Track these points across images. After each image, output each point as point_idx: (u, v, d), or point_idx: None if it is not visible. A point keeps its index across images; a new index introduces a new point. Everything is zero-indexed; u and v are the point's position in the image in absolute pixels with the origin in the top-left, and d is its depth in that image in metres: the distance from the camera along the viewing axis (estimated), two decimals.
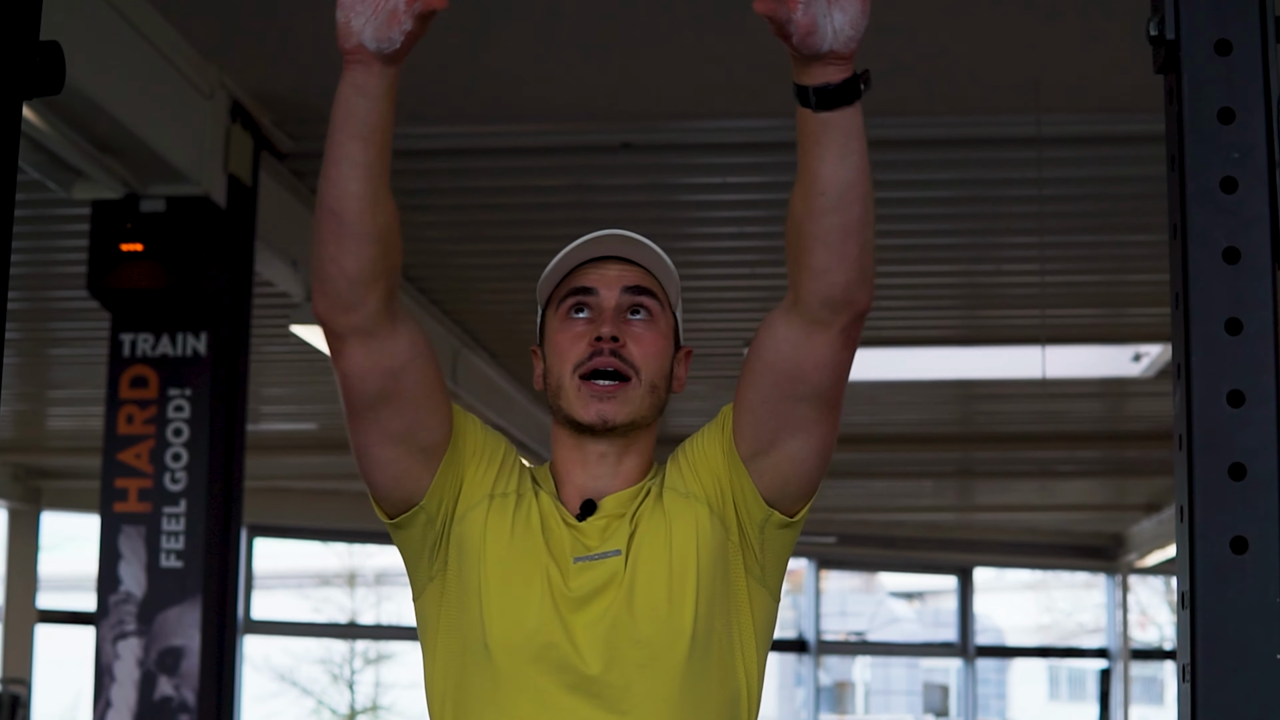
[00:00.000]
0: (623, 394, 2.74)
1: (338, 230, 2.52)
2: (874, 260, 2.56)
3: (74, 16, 5.95)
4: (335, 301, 2.56)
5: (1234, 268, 2.00)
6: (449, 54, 7.03)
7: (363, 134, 2.48)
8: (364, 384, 2.63)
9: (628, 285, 2.80)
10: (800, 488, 2.73)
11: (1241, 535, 1.95)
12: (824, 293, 2.53)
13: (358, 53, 2.43)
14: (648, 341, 2.78)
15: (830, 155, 2.43)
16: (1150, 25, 2.06)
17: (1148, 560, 19.48)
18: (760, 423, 2.68)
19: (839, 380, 2.66)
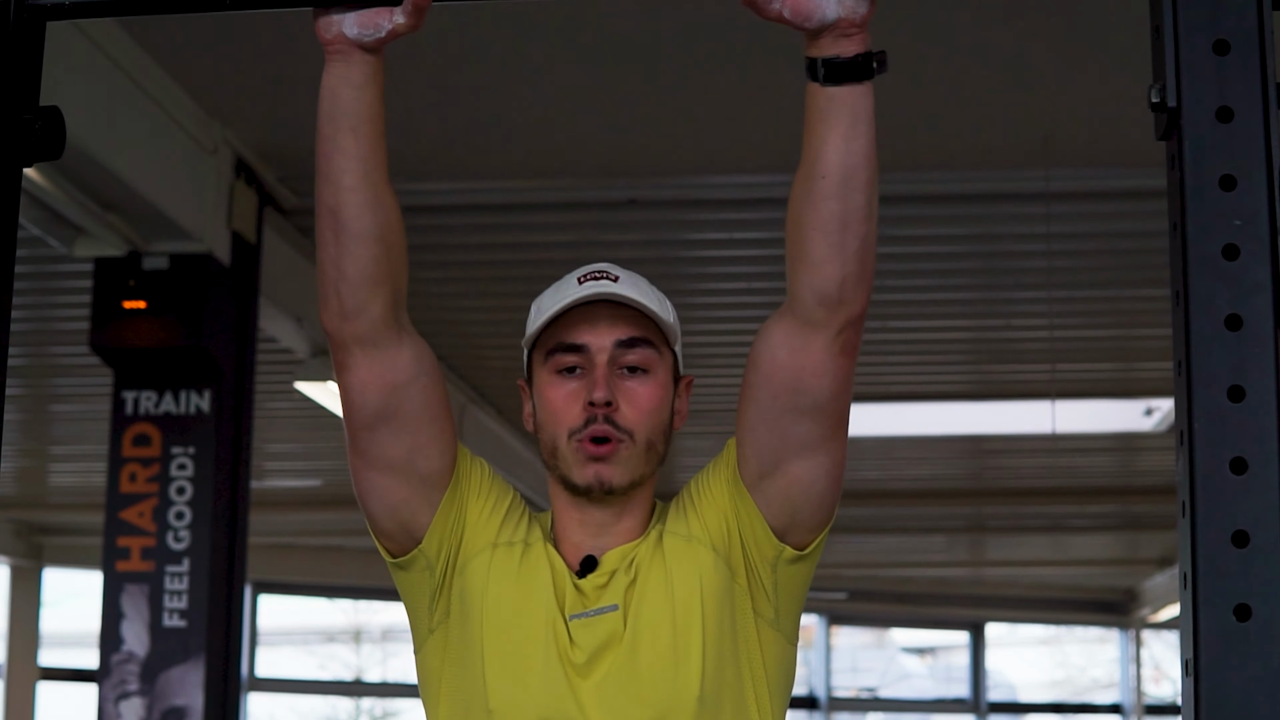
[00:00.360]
0: (618, 455, 2.61)
1: (335, 228, 2.45)
2: (874, 260, 2.45)
3: (76, 73, 5.95)
4: (338, 308, 2.49)
5: (1236, 335, 1.98)
6: (454, 110, 7.04)
7: (352, 125, 2.41)
8: (365, 398, 2.54)
9: (620, 340, 2.65)
10: (811, 514, 2.60)
11: (1245, 603, 1.92)
12: (820, 287, 2.42)
13: (338, 42, 2.37)
14: (643, 399, 2.64)
15: (835, 136, 2.33)
16: (1152, 92, 2.04)
17: (1161, 615, 19.42)
18: (762, 442, 2.56)
19: (840, 391, 2.53)
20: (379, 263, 2.46)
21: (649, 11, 5.97)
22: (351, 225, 2.44)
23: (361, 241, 2.45)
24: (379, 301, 2.48)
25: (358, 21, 2.35)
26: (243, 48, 6.41)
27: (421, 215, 8.20)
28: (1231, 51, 2.01)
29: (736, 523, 2.62)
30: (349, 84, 2.40)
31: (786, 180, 2.34)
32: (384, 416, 2.55)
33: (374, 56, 2.40)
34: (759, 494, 2.59)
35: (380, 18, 2.34)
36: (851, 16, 2.27)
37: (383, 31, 2.35)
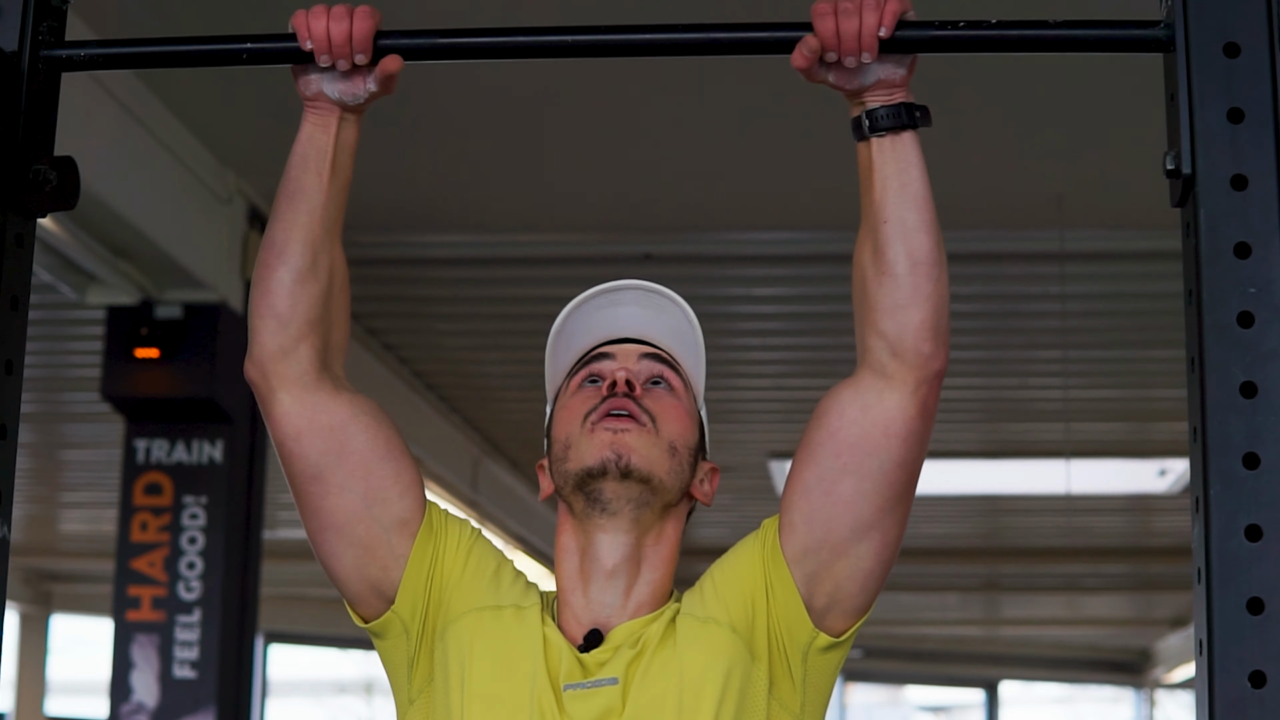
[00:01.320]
0: (639, 432, 2.43)
1: (274, 262, 2.39)
2: (948, 314, 2.36)
3: (91, 122, 5.96)
4: (265, 348, 2.39)
5: (1251, 402, 1.98)
6: (472, 164, 7.05)
7: (318, 169, 2.40)
8: (302, 445, 2.41)
9: (646, 353, 2.54)
10: (853, 597, 2.41)
11: (1260, 670, 1.92)
12: (893, 335, 2.32)
13: (318, 99, 2.39)
14: (668, 407, 2.49)
15: (890, 184, 2.33)
16: (1167, 159, 2.05)
17: (1175, 675, 19.39)
18: (815, 508, 2.37)
19: (908, 459, 2.38)
20: (313, 306, 2.40)
21: (668, 68, 5.98)
22: (292, 261, 2.39)
23: (302, 283, 2.39)
24: (309, 345, 2.40)
25: (338, 86, 2.37)
26: (257, 98, 6.42)
27: (437, 268, 8.22)
28: (1246, 119, 2.02)
29: (766, 604, 2.42)
30: (326, 132, 2.40)
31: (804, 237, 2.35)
32: (328, 463, 2.42)
33: (353, 116, 2.41)
34: (800, 568, 2.40)
35: (357, 83, 2.36)
36: (891, 78, 2.29)
37: (361, 96, 2.37)
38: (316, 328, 2.41)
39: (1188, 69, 2.05)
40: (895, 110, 2.31)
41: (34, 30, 2.20)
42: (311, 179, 2.40)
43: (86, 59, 2.25)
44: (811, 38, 2.23)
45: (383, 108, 2.40)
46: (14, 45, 2.18)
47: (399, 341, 9.43)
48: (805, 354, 9.52)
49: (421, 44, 2.31)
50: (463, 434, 10.97)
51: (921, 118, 2.34)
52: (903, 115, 2.32)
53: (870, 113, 2.31)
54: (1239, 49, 2.04)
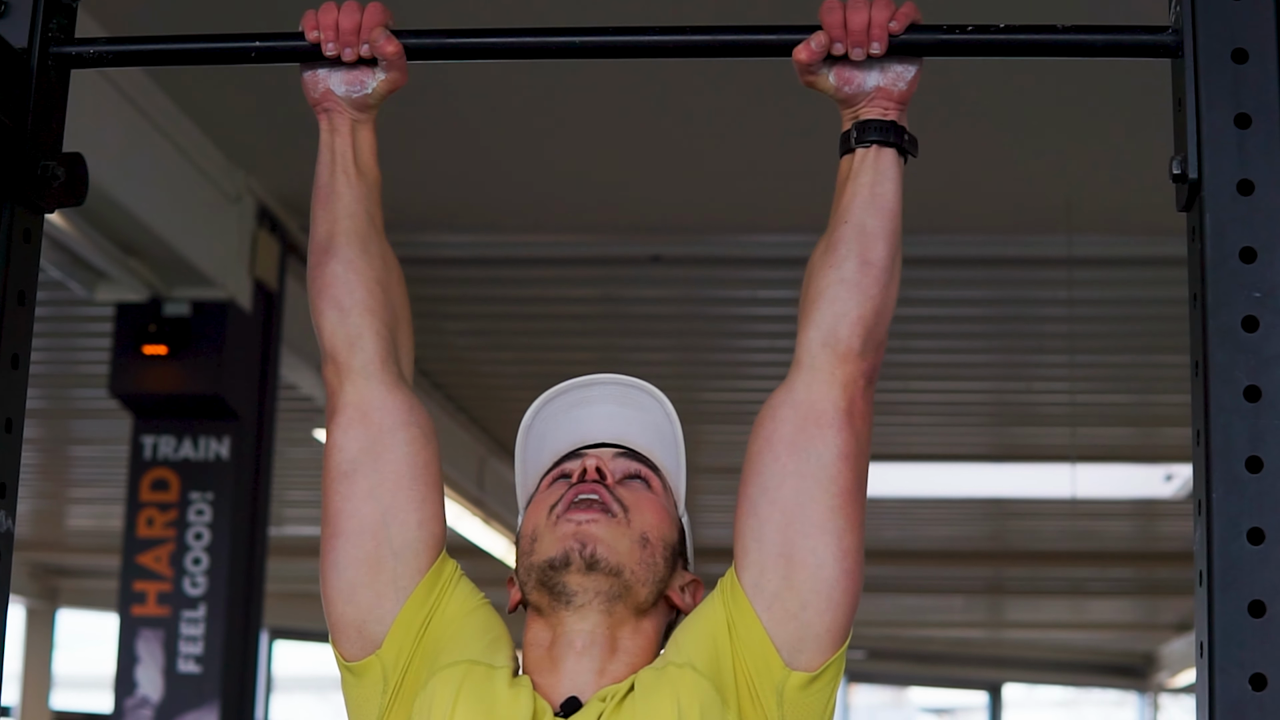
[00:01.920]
0: (608, 522, 2.32)
1: (323, 259, 2.39)
2: (887, 325, 2.31)
3: (101, 119, 5.97)
4: (331, 340, 2.38)
5: (1255, 405, 1.99)
6: (482, 164, 7.05)
7: (346, 170, 2.41)
8: (348, 436, 2.36)
9: (621, 453, 2.44)
10: (820, 614, 2.25)
11: (1260, 672, 1.93)
12: (829, 326, 2.27)
13: (326, 99, 2.39)
14: (644, 498, 2.39)
15: (861, 191, 2.29)
16: (1173, 164, 2.05)
17: (1179, 680, 19.38)
18: (764, 521, 2.27)
19: (850, 450, 2.27)
20: (374, 295, 2.39)
21: (676, 70, 5.98)
22: (345, 254, 2.39)
23: (355, 271, 2.38)
24: (371, 333, 2.37)
25: (344, 80, 2.36)
26: (267, 97, 6.43)
27: (446, 268, 8.22)
28: (1253, 125, 2.02)
29: (731, 644, 2.29)
30: (341, 135, 2.40)
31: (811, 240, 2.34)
32: (364, 462, 2.36)
33: (364, 115, 2.41)
34: (760, 596, 2.27)
35: (365, 75, 2.35)
36: (890, 89, 2.28)
37: (369, 88, 2.36)
38: (379, 314, 2.39)
39: (1195, 74, 2.06)
40: (886, 126, 2.29)
41: (44, 27, 2.21)
42: (341, 182, 2.41)
43: (96, 56, 2.25)
44: (820, 32, 2.23)
45: (393, 107, 2.41)
46: (24, 42, 2.19)
47: None
48: None
49: (430, 43, 2.32)
50: (469, 433, 10.98)
51: (909, 144, 2.31)
52: (891, 133, 2.30)
53: (861, 124, 2.30)
54: (1247, 55, 2.04)
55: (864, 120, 2.30)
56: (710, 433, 11.27)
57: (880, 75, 2.27)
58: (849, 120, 2.32)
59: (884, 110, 2.29)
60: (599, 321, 9.13)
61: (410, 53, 2.30)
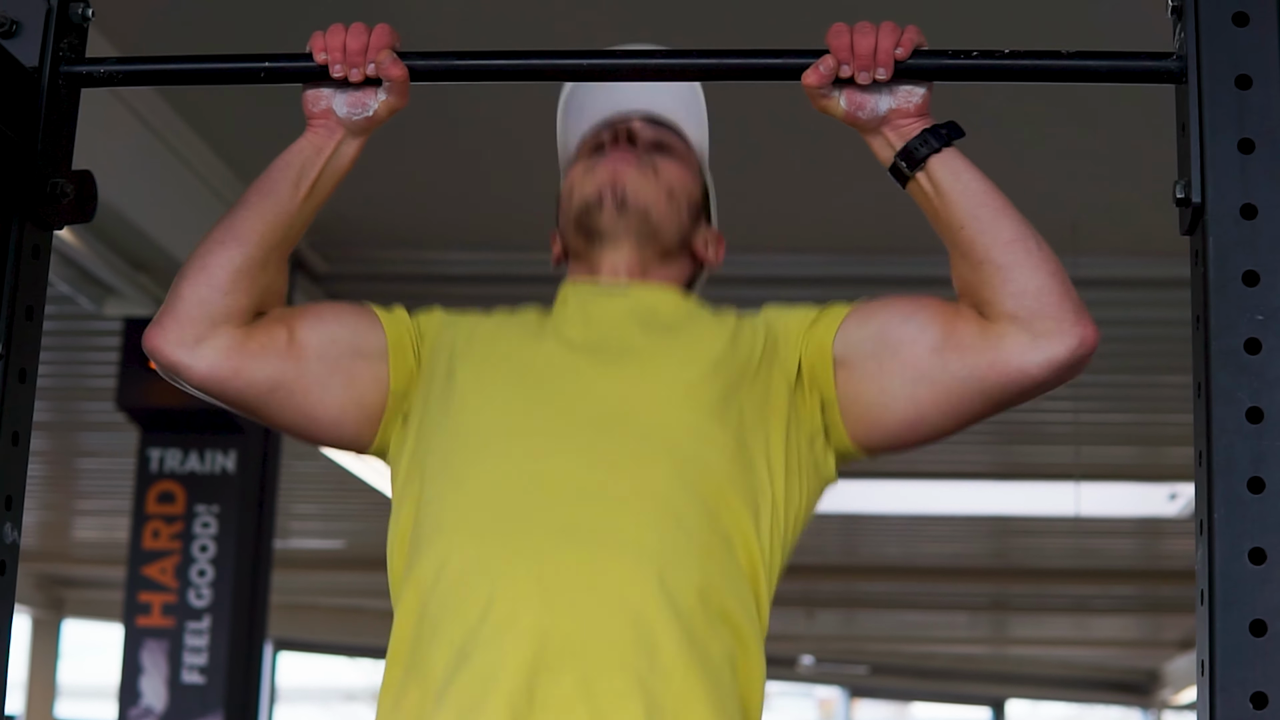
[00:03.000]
0: (638, 171, 2.49)
1: (228, 239, 2.36)
2: (1074, 290, 2.32)
3: (110, 135, 5.98)
4: (186, 311, 2.37)
5: (1257, 427, 1.99)
6: (486, 182, 7.06)
7: (297, 181, 2.39)
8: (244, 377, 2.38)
9: (650, 122, 2.58)
10: (871, 426, 2.38)
11: (1261, 691, 1.93)
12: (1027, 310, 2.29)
13: (324, 117, 2.39)
14: (670, 161, 2.54)
15: (951, 200, 2.29)
16: (1177, 188, 2.06)
17: (1182, 697, 19.37)
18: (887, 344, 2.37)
19: (995, 401, 2.39)
20: (247, 300, 2.36)
21: None
22: (247, 250, 2.36)
23: (247, 272, 2.35)
24: (225, 335, 2.36)
25: (347, 102, 2.36)
26: (275, 112, 6.43)
27: (454, 285, 8.22)
28: (1256, 149, 2.03)
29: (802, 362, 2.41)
30: (320, 156, 2.39)
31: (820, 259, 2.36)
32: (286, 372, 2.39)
33: (355, 139, 2.41)
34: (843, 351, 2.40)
35: (367, 97, 2.36)
36: (905, 108, 2.29)
37: (370, 110, 2.36)
38: (236, 320, 2.36)
39: (1199, 100, 2.06)
40: (922, 139, 2.30)
41: (55, 46, 2.22)
42: (288, 188, 2.39)
43: (106, 75, 2.26)
44: (827, 56, 2.24)
45: (400, 124, 2.42)
46: (34, 61, 2.20)
47: None
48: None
49: (436, 65, 2.32)
50: None
51: (950, 133, 2.32)
52: (931, 141, 2.30)
53: (902, 152, 2.30)
54: (1250, 81, 2.05)
55: (903, 149, 2.30)
56: None
57: (892, 98, 2.28)
58: (881, 149, 2.33)
59: (910, 126, 2.30)
60: None
61: (415, 75, 2.30)
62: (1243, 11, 2.07)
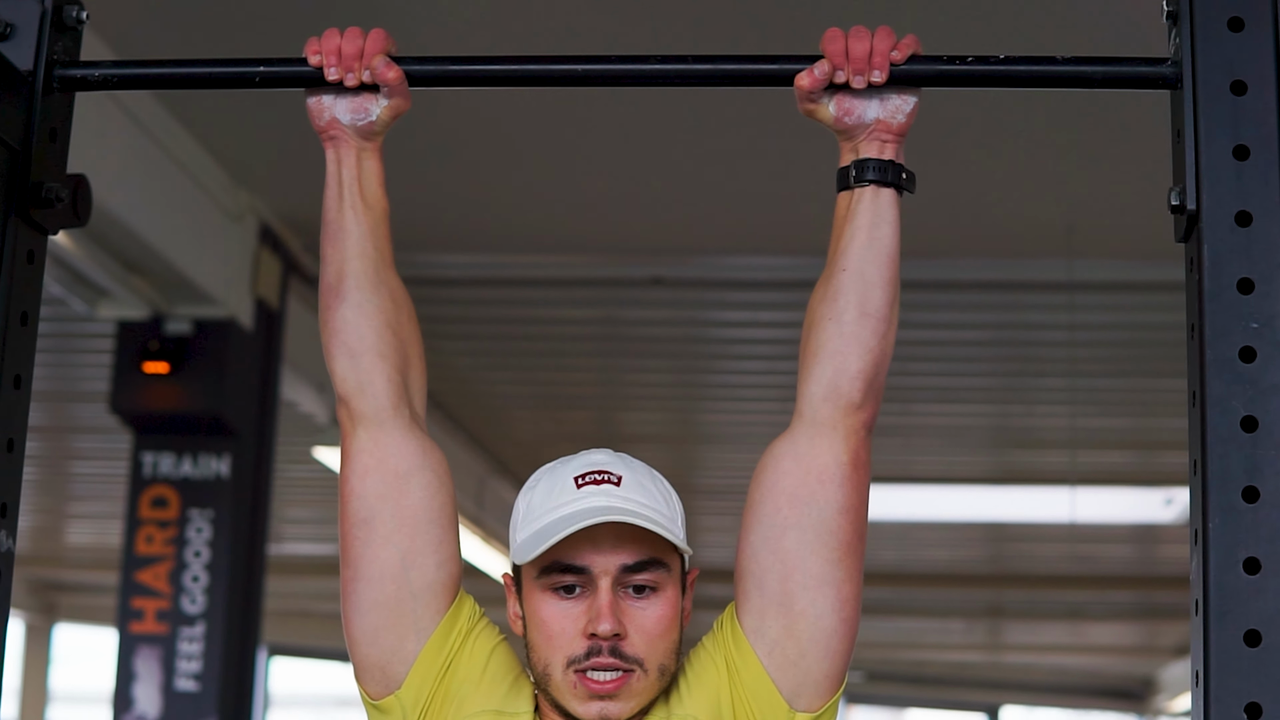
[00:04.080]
0: (627, 689, 2.30)
1: (333, 303, 2.39)
2: (885, 374, 2.33)
3: (105, 138, 5.97)
4: (344, 384, 2.39)
5: (1252, 436, 1.99)
6: (484, 186, 7.06)
7: (354, 203, 2.41)
8: (365, 484, 2.37)
9: (627, 565, 2.30)
10: (819, 661, 2.33)
11: (1255, 701, 1.93)
12: (831, 380, 2.29)
13: (333, 128, 2.39)
14: (653, 623, 2.31)
15: (859, 232, 2.31)
16: (1172, 195, 2.06)
17: (1177, 704, 19.34)
18: (765, 570, 2.31)
19: (849, 507, 2.31)
20: (384, 339, 2.38)
21: (679, 95, 5.99)
22: (354, 298, 2.38)
23: (365, 315, 2.38)
24: (383, 378, 2.38)
25: (349, 108, 2.37)
26: (271, 117, 6.43)
27: (448, 288, 8.23)
28: (1251, 157, 2.03)
29: (733, 689, 2.35)
30: (347, 166, 2.41)
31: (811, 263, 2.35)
32: (382, 509, 2.37)
33: (369, 143, 2.42)
34: (762, 642, 2.33)
35: (368, 102, 2.36)
36: (890, 121, 2.29)
37: (373, 115, 2.37)
38: (390, 358, 2.39)
39: (1194, 106, 2.06)
40: (884, 165, 2.31)
41: (49, 49, 2.21)
42: (349, 217, 2.41)
43: (100, 79, 2.26)
44: (822, 60, 2.25)
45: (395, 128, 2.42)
46: (29, 64, 2.19)
47: None
48: None
49: (432, 70, 2.32)
50: (469, 452, 10.98)
51: (907, 182, 2.32)
52: (889, 172, 2.31)
53: (860, 163, 2.31)
54: (1245, 87, 2.05)
55: (863, 159, 2.32)
56: (709, 454, 11.27)
57: (880, 107, 2.28)
58: (847, 155, 2.34)
59: (882, 145, 2.31)
60: (599, 343, 9.14)
61: (412, 79, 2.30)
62: (1238, 17, 2.07)
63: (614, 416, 10.60)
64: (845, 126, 2.30)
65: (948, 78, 2.24)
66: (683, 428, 10.97)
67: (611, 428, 10.82)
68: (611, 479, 2.34)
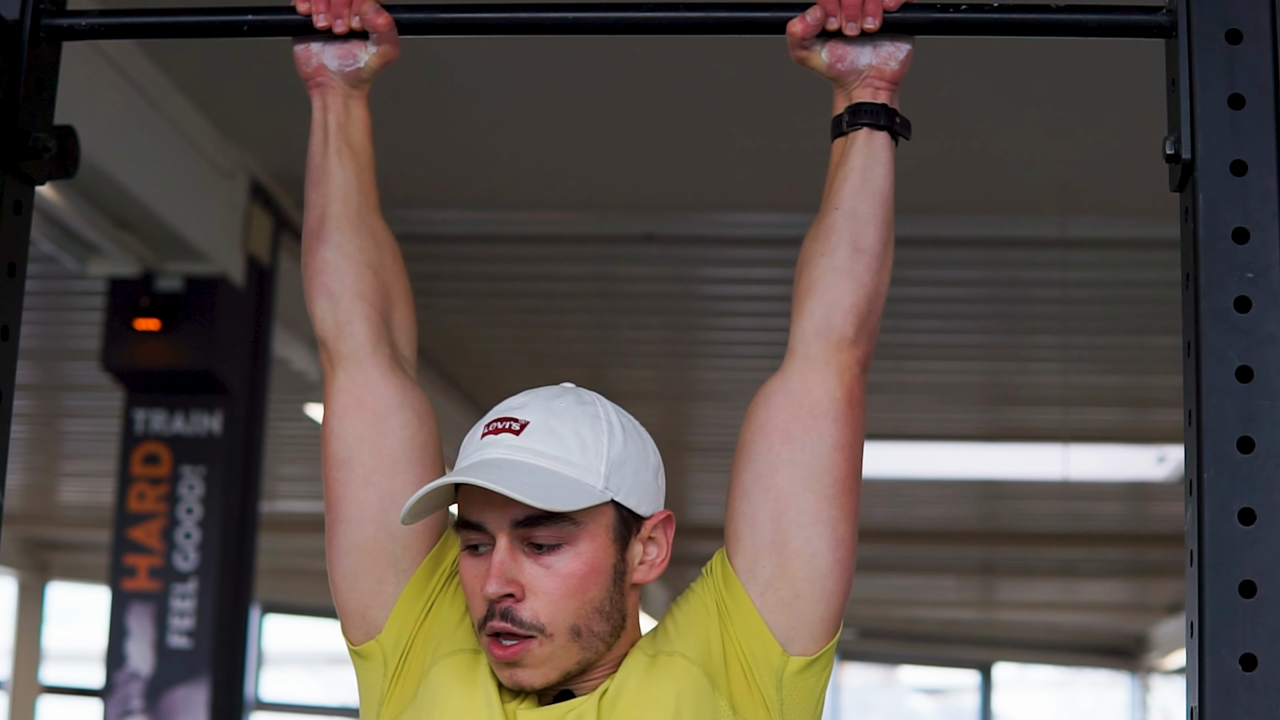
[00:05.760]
0: (529, 655, 2.20)
1: (314, 245, 2.39)
2: (880, 310, 2.31)
3: (95, 94, 5.95)
4: (323, 326, 2.37)
5: (1247, 386, 1.99)
6: (476, 141, 7.04)
7: (339, 148, 2.40)
8: (344, 424, 2.33)
9: (517, 519, 2.19)
10: (814, 603, 2.26)
11: (1250, 653, 1.94)
12: (821, 315, 2.26)
13: (319, 74, 2.38)
14: (557, 583, 2.19)
15: (853, 175, 2.29)
16: (1166, 144, 2.06)
17: (1170, 661, 19.39)
18: (757, 509, 2.25)
19: (845, 440, 2.27)
20: (364, 279, 2.37)
21: (672, 49, 5.98)
22: (335, 239, 2.38)
23: (346, 257, 2.37)
24: (360, 317, 2.36)
25: (337, 54, 2.36)
26: (261, 71, 6.42)
27: (439, 244, 8.22)
28: (1247, 106, 2.03)
29: (723, 632, 2.28)
30: (333, 113, 2.40)
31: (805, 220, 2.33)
32: (360, 449, 2.33)
33: (357, 91, 2.41)
34: (754, 583, 2.27)
35: (356, 48, 2.35)
36: (882, 67, 2.28)
37: (360, 61, 2.36)
38: (369, 298, 2.37)
39: (1189, 55, 2.06)
40: (877, 109, 2.29)
41: None
42: (332, 160, 2.40)
43: (87, 28, 2.25)
44: (815, 6, 2.24)
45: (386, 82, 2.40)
46: (15, 13, 2.19)
47: None
48: None
49: (422, 17, 2.32)
50: (461, 409, 10.97)
51: (901, 126, 2.31)
52: (883, 116, 2.30)
53: (853, 107, 2.30)
54: (1241, 35, 2.05)
55: (856, 104, 2.30)
56: (702, 411, 11.27)
57: (873, 53, 2.28)
58: (841, 102, 2.33)
59: (875, 91, 2.30)
60: (592, 299, 9.13)
61: (401, 27, 2.30)
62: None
63: (606, 373, 10.60)
64: (838, 73, 2.30)
65: (941, 25, 2.23)
66: (675, 385, 10.98)
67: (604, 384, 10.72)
68: (513, 426, 2.24)
